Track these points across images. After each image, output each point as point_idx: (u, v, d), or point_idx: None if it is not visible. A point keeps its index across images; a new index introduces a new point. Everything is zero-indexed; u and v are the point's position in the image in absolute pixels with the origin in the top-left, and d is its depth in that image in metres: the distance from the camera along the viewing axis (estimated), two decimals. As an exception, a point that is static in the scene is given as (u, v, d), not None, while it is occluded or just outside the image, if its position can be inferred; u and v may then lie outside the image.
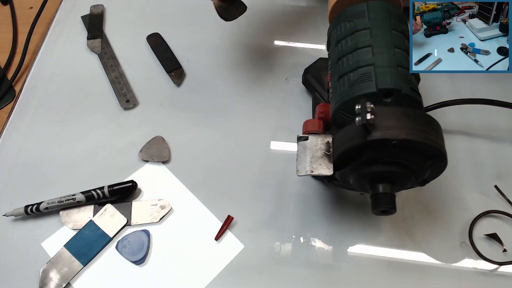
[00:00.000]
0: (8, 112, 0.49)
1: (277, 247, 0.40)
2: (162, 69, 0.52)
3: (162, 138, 0.46)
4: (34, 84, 0.52)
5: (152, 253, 0.40)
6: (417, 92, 0.33)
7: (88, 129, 0.47)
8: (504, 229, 0.40)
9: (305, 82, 0.48)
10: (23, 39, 0.56)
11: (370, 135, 0.29)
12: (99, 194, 0.41)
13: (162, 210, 0.42)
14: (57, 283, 0.38)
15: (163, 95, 0.50)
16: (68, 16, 0.58)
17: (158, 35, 0.55)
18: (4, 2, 0.61)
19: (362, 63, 0.33)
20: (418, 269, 0.38)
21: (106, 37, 0.56)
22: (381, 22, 0.34)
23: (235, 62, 0.53)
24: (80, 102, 0.50)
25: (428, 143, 0.29)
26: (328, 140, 0.34)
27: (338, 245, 0.40)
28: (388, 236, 0.40)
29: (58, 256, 0.39)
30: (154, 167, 0.45)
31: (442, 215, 0.41)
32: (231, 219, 0.40)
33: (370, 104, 0.29)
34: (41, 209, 0.41)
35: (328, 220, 0.41)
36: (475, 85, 0.49)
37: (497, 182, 0.42)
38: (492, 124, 0.46)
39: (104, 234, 0.40)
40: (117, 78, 0.51)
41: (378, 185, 0.32)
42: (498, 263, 0.38)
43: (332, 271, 0.38)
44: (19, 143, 0.47)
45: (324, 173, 0.33)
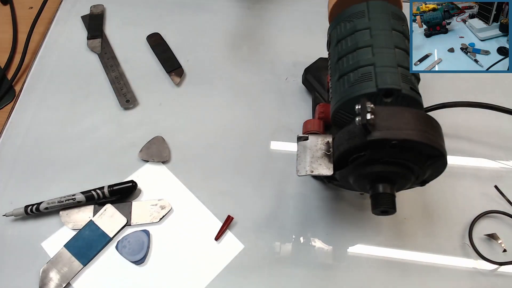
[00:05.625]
0: (8, 112, 0.49)
1: (277, 247, 0.40)
2: (162, 69, 0.52)
3: (162, 138, 0.46)
4: (34, 84, 0.52)
5: (152, 253, 0.40)
6: (417, 92, 0.33)
7: (88, 129, 0.47)
8: (504, 229, 0.40)
9: (305, 82, 0.48)
10: (23, 39, 0.56)
11: (370, 135, 0.29)
12: (99, 194, 0.41)
13: (162, 210, 0.42)
14: (57, 283, 0.38)
15: (163, 95, 0.50)
16: (68, 16, 0.58)
17: (158, 35, 0.55)
18: (4, 2, 0.61)
19: (362, 63, 0.33)
20: (418, 269, 0.38)
21: (106, 37, 0.56)
22: (381, 22, 0.34)
23: (235, 62, 0.53)
24: (80, 102, 0.50)
25: (428, 143, 0.29)
26: (328, 140, 0.34)
27: (338, 245, 0.40)
28: (388, 236, 0.40)
29: (58, 256, 0.39)
30: (154, 167, 0.45)
31: (442, 215, 0.41)
32: (231, 219, 0.40)
33: (370, 104, 0.29)
34: (41, 209, 0.41)
35: (328, 220, 0.41)
36: (475, 85, 0.49)
37: (497, 182, 0.42)
38: (492, 124, 0.46)
39: (104, 234, 0.40)
40: (117, 78, 0.51)
41: (378, 185, 0.32)
42: (498, 263, 0.38)
43: (332, 271, 0.38)
44: (19, 143, 0.47)
45: (324, 173, 0.33)
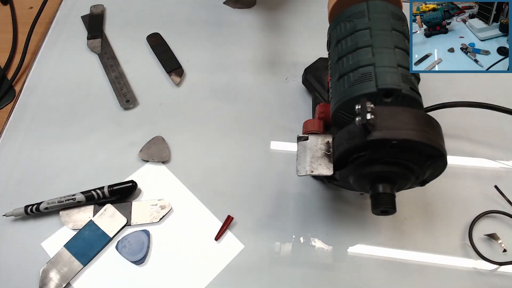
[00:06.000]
0: (8, 112, 0.49)
1: (277, 247, 0.40)
2: (162, 69, 0.52)
3: (162, 138, 0.46)
4: (34, 84, 0.52)
5: (152, 253, 0.40)
6: (417, 92, 0.33)
7: (88, 129, 0.47)
8: (504, 229, 0.40)
9: (305, 82, 0.48)
10: (23, 39, 0.56)
11: (370, 135, 0.29)
12: (99, 194, 0.41)
13: (162, 210, 0.42)
14: (57, 283, 0.38)
15: (163, 95, 0.50)
16: (68, 16, 0.58)
17: (158, 35, 0.55)
18: (4, 2, 0.61)
19: (362, 63, 0.33)
20: (418, 269, 0.38)
21: (106, 37, 0.56)
22: (381, 22, 0.34)
23: (235, 62, 0.53)
24: (80, 102, 0.50)
25: (428, 143, 0.29)
26: (328, 140, 0.34)
27: (338, 245, 0.40)
28: (388, 236, 0.40)
29: (58, 256, 0.39)
30: (154, 167, 0.45)
31: (442, 215, 0.41)
32: (231, 219, 0.40)
33: (370, 104, 0.29)
34: (41, 209, 0.41)
35: (328, 220, 0.41)
36: (475, 85, 0.49)
37: (497, 182, 0.42)
38: (492, 124, 0.46)
39: (104, 234, 0.40)
40: (117, 78, 0.51)
41: (378, 185, 0.32)
42: (498, 263, 0.38)
43: (332, 271, 0.38)
44: (19, 143, 0.47)
45: (324, 173, 0.33)
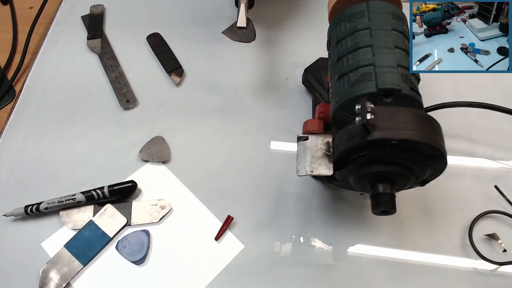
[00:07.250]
0: (8, 112, 0.49)
1: (277, 247, 0.40)
2: (162, 69, 0.52)
3: (162, 138, 0.46)
4: (34, 84, 0.52)
5: (152, 253, 0.40)
6: (417, 92, 0.33)
7: (88, 129, 0.47)
8: (504, 229, 0.40)
9: (305, 82, 0.48)
10: (23, 39, 0.56)
11: (370, 135, 0.29)
12: (99, 194, 0.41)
13: (162, 210, 0.42)
14: (57, 283, 0.38)
15: (163, 95, 0.50)
16: (68, 16, 0.58)
17: (158, 35, 0.55)
18: (4, 2, 0.61)
19: (362, 63, 0.33)
20: (418, 269, 0.38)
21: (106, 37, 0.56)
22: (381, 22, 0.34)
23: (235, 62, 0.53)
24: (80, 102, 0.50)
25: (428, 143, 0.29)
26: (328, 140, 0.34)
27: (338, 245, 0.40)
28: (388, 236, 0.40)
29: (58, 256, 0.39)
30: (154, 167, 0.45)
31: (442, 215, 0.41)
32: (231, 219, 0.40)
33: (370, 104, 0.29)
34: (41, 209, 0.41)
35: (328, 220, 0.41)
36: (475, 85, 0.49)
37: (497, 182, 0.42)
38: (492, 124, 0.46)
39: (104, 234, 0.40)
40: (117, 78, 0.51)
41: (378, 185, 0.32)
42: (498, 263, 0.38)
43: (332, 271, 0.38)
44: (19, 143, 0.47)
45: (324, 173, 0.33)
